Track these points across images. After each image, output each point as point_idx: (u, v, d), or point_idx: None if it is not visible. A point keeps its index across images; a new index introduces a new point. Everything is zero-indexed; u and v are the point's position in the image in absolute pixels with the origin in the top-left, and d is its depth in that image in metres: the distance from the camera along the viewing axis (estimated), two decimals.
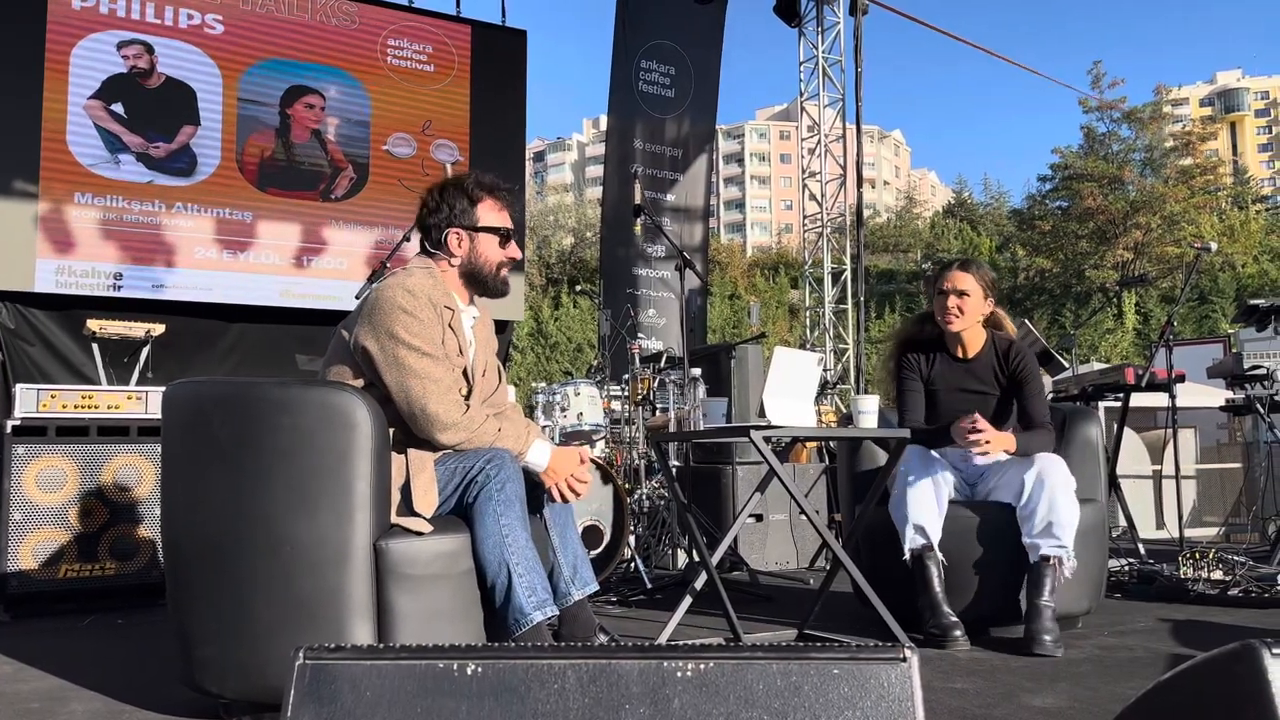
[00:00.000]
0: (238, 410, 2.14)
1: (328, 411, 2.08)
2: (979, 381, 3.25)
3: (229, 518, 2.09)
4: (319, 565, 2.05)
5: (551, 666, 0.92)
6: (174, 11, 6.53)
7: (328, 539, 2.05)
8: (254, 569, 2.06)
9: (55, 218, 6.06)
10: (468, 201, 2.48)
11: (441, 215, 2.47)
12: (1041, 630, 2.80)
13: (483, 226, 2.48)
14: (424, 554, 2.14)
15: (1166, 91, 34.32)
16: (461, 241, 2.47)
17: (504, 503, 2.20)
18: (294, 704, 0.92)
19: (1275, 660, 0.80)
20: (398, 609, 2.09)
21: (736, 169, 69.98)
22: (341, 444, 2.07)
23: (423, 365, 2.26)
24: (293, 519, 2.05)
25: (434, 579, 2.15)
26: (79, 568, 3.59)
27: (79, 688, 2.47)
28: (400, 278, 2.35)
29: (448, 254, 2.47)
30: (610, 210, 8.72)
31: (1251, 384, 4.74)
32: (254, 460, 2.09)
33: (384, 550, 2.09)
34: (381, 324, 2.28)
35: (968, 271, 3.25)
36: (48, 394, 3.66)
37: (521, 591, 2.15)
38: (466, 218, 2.47)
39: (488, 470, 2.22)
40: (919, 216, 50.84)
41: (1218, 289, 27.82)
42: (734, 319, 29.86)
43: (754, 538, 4.86)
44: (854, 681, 0.91)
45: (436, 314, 2.34)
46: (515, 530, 2.19)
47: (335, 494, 2.06)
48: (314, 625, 2.04)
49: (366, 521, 2.08)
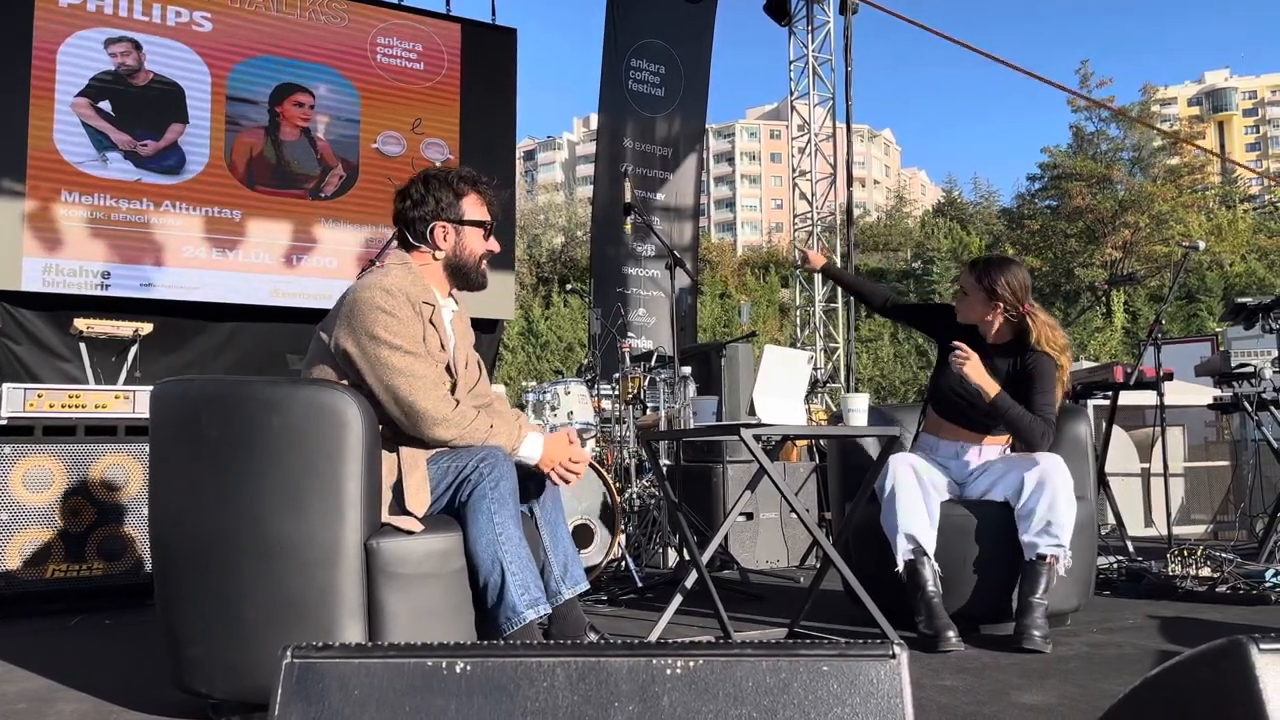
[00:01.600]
0: (228, 409, 2.12)
1: (318, 410, 2.07)
2: (990, 368, 3.20)
3: (219, 517, 2.08)
4: (309, 564, 2.04)
5: (541, 664, 0.91)
6: (162, 9, 6.50)
7: (318, 538, 2.04)
8: (244, 568, 2.05)
9: (42, 216, 6.03)
10: (453, 195, 2.47)
11: (427, 209, 2.45)
12: (1032, 626, 2.80)
13: (469, 220, 2.48)
14: (415, 553, 2.13)
15: (1154, 91, 34.49)
16: (448, 235, 2.46)
17: (497, 500, 2.19)
18: (281, 703, 0.91)
19: (1263, 656, 0.80)
20: (388, 608, 2.08)
21: (727, 168, 70.01)
22: (332, 443, 2.06)
23: (407, 363, 2.25)
24: (283, 518, 2.04)
25: (425, 578, 2.14)
26: (66, 568, 3.57)
27: (67, 688, 2.45)
28: (377, 277, 2.33)
29: (432, 247, 2.46)
30: (601, 209, 8.71)
31: (1239, 382, 4.77)
32: (244, 459, 2.07)
33: (375, 549, 2.08)
34: (361, 325, 2.25)
35: (971, 272, 3.28)
36: (34, 393, 3.63)
37: (514, 589, 2.15)
38: (452, 211, 2.46)
39: (480, 469, 2.22)
40: (909, 215, 51.00)
41: (1205, 288, 27.99)
42: (724, 318, 29.89)
43: (744, 536, 4.86)
44: (843, 679, 0.91)
45: (415, 311, 2.32)
46: (509, 528, 2.19)
47: (326, 493, 2.05)
48: (304, 625, 2.03)
49: (357, 520, 2.07)
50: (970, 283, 3.25)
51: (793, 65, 10.19)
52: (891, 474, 3.03)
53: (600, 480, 4.25)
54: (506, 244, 7.76)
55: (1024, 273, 3.26)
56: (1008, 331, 3.25)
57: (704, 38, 9.12)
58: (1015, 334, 3.24)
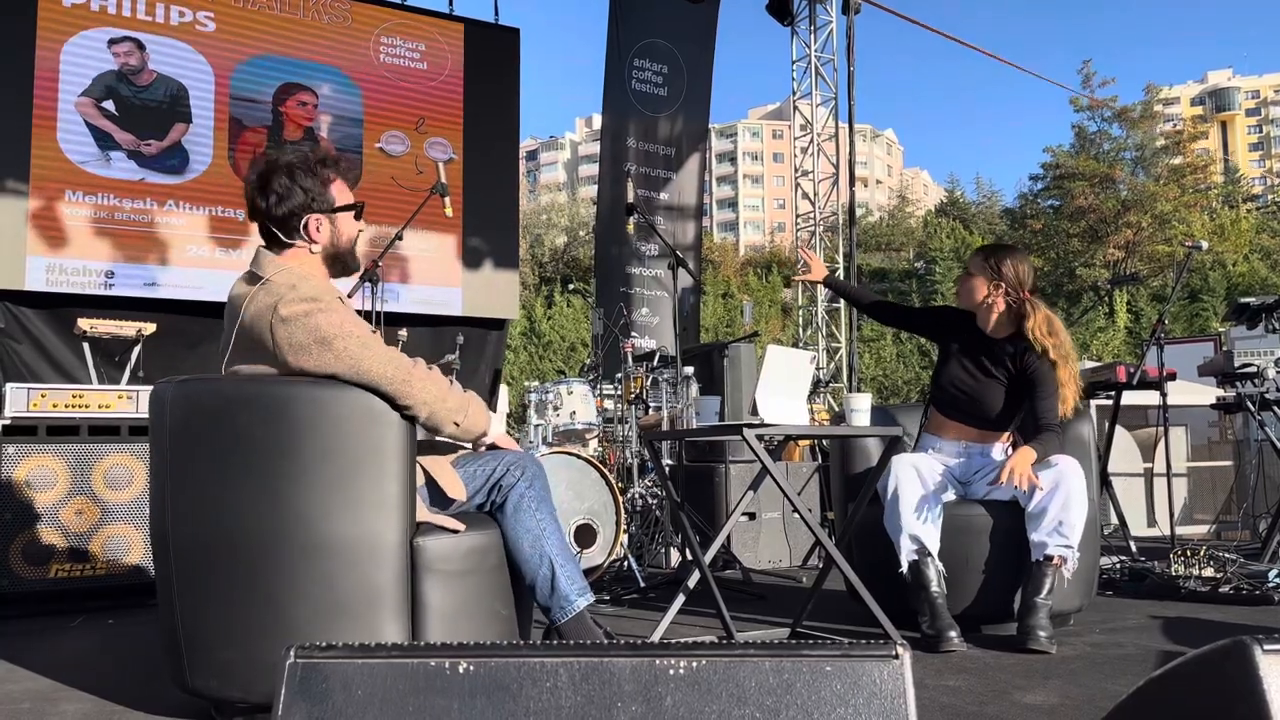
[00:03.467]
0: (271, 409, 2.09)
1: (362, 410, 2.09)
2: (989, 364, 3.24)
3: (259, 517, 2.05)
4: (356, 563, 2.05)
5: (544, 665, 0.91)
6: (165, 8, 6.51)
7: (364, 537, 2.05)
8: (288, 568, 2.03)
9: (46, 215, 6.04)
10: (320, 183, 2.30)
11: (295, 202, 2.26)
12: (1038, 626, 2.80)
13: (340, 206, 2.34)
14: (458, 549, 2.17)
15: (1157, 91, 34.43)
16: (322, 226, 2.29)
17: (536, 499, 2.28)
18: (285, 703, 0.92)
19: (1266, 657, 0.80)
20: (431, 605, 2.11)
21: (729, 168, 70.00)
22: (375, 442, 2.08)
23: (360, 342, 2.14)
24: (329, 518, 2.04)
25: (465, 574, 2.19)
26: (70, 567, 3.58)
27: (70, 688, 2.45)
28: (281, 291, 2.15)
29: (308, 241, 2.29)
30: (604, 208, 8.72)
31: (1242, 382, 4.76)
32: (288, 459, 2.06)
33: (420, 547, 2.11)
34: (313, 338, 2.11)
35: (976, 255, 3.34)
36: (38, 393, 3.64)
37: (565, 580, 2.24)
38: (323, 200, 2.30)
39: (513, 471, 2.29)
40: (911, 215, 50.96)
41: (1208, 287, 27.92)
42: (727, 318, 29.87)
43: (747, 536, 4.86)
44: (846, 679, 0.91)
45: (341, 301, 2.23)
46: (550, 523, 2.28)
47: (370, 492, 2.07)
48: (348, 623, 2.04)
49: (400, 519, 2.09)
50: (977, 262, 3.29)
51: (795, 65, 10.19)
52: (894, 475, 3.03)
53: (603, 480, 4.25)
54: (510, 243, 7.77)
55: (1030, 263, 3.29)
56: (1007, 323, 3.24)
57: (707, 37, 9.13)
58: (1015, 327, 3.23)
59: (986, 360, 3.25)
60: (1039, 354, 3.14)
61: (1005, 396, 3.23)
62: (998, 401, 3.24)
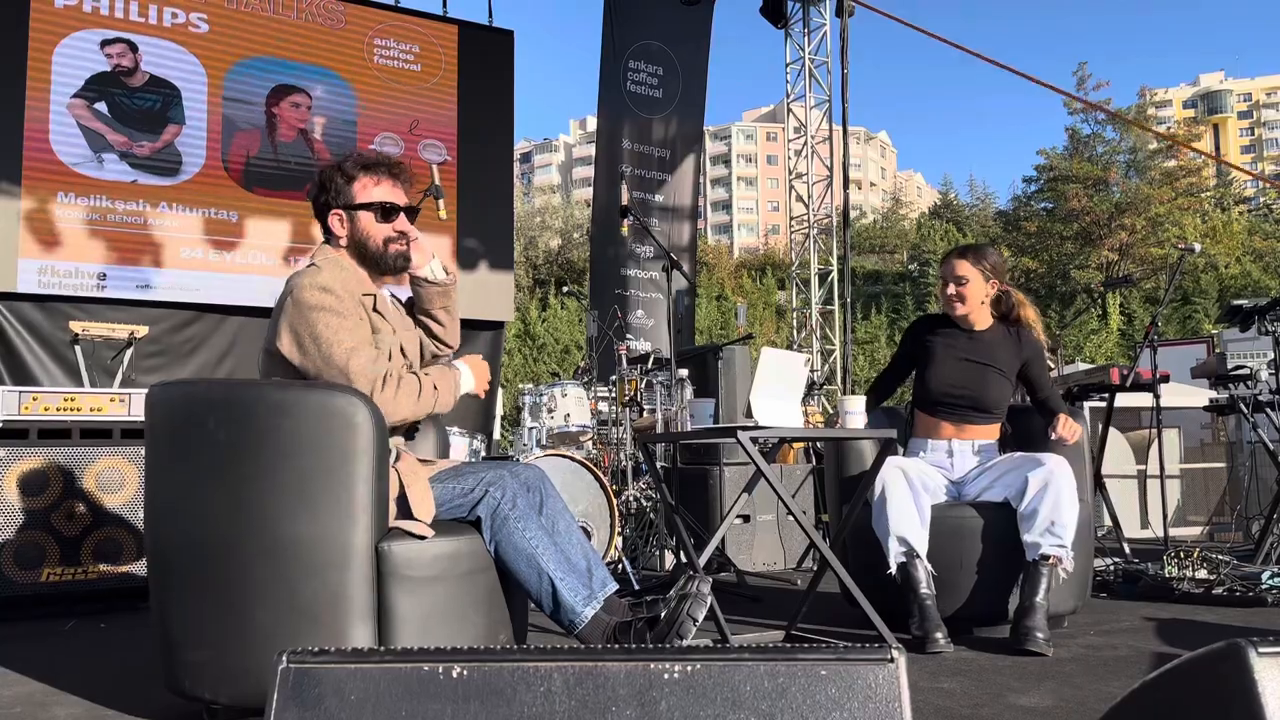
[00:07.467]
0: (237, 412, 2.10)
1: (328, 413, 2.07)
2: (983, 354, 3.32)
3: (226, 520, 2.06)
4: (321, 567, 2.03)
5: (538, 669, 0.91)
6: (158, 10, 6.50)
7: (329, 541, 2.04)
8: (254, 572, 2.03)
9: (38, 217, 6.02)
10: (343, 180, 2.41)
11: (322, 199, 2.42)
12: (1034, 628, 2.80)
13: (359, 204, 2.40)
14: (425, 556, 2.14)
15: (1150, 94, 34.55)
16: (343, 222, 2.41)
17: (520, 518, 2.25)
18: (277, 708, 0.91)
19: (1261, 659, 0.80)
20: (398, 611, 2.09)
21: (723, 170, 70.05)
22: (342, 445, 2.06)
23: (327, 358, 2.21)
24: (294, 521, 2.03)
25: (434, 581, 2.15)
26: (61, 571, 3.56)
27: (61, 692, 2.44)
28: (310, 276, 2.28)
29: (335, 237, 2.42)
30: (599, 210, 8.72)
31: (1235, 384, 4.77)
32: (253, 462, 2.06)
33: (386, 552, 2.08)
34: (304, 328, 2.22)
35: (965, 258, 3.38)
36: (29, 396, 3.62)
37: (567, 594, 2.23)
38: (343, 198, 2.41)
39: (491, 491, 2.26)
40: (905, 218, 51.04)
41: (1201, 290, 28.03)
42: (721, 320, 29.88)
43: (741, 539, 4.86)
44: (841, 682, 0.91)
45: (355, 302, 2.29)
46: (541, 539, 2.26)
47: (337, 496, 2.05)
48: (314, 628, 2.03)
49: (368, 524, 2.07)
50: (967, 268, 3.36)
51: (789, 68, 10.21)
52: (880, 477, 3.04)
53: (597, 483, 4.25)
54: (504, 245, 7.76)
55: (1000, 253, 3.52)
56: (988, 315, 3.39)
57: (701, 39, 9.13)
58: (996, 316, 3.41)
59: (980, 353, 3.33)
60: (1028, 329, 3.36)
61: (1005, 383, 3.32)
62: (997, 389, 3.31)
